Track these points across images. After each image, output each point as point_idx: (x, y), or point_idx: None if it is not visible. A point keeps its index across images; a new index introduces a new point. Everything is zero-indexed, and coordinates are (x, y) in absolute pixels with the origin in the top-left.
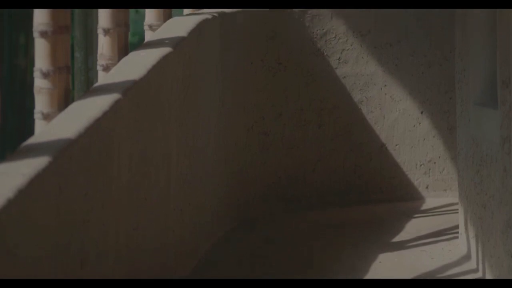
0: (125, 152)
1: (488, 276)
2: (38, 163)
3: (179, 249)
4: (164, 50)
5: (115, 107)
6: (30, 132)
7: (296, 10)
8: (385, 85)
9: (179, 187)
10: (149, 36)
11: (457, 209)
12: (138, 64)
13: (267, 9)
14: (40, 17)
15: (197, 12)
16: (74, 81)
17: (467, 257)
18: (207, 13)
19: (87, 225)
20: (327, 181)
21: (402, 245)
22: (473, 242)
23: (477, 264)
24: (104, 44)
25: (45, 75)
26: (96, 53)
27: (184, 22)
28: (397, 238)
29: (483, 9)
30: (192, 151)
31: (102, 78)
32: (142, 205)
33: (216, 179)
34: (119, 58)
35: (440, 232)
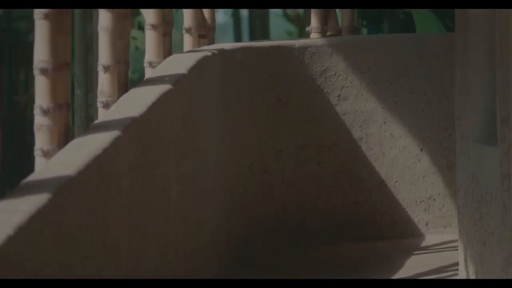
0: (125, 189)
1: None
2: (38, 200)
3: None
4: (164, 87)
5: (115, 144)
6: (30, 169)
7: (296, 47)
8: (385, 122)
9: (179, 223)
10: (149, 73)
11: (457, 246)
12: (138, 101)
13: (267, 46)
14: (40, 54)
15: (196, 49)
16: (74, 118)
17: None
18: (207, 50)
19: (87, 261)
20: (327, 217)
21: None
22: None
23: None
24: (104, 81)
25: (45, 112)
26: (96, 90)
27: (184, 59)
28: (397, 275)
29: (483, 48)
30: (192, 187)
31: (102, 115)
32: (141, 241)
33: (216, 216)
34: (119, 95)
35: (440, 269)
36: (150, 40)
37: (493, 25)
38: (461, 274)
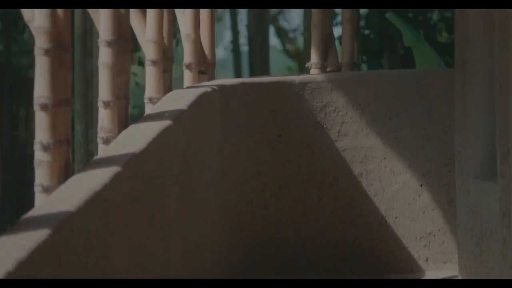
0: (125, 225)
1: None
2: (38, 235)
3: None
4: (164, 123)
5: (115, 180)
6: (30, 204)
7: (296, 82)
8: (385, 158)
9: (178, 259)
10: (149, 109)
11: None
12: (138, 137)
13: (267, 82)
14: (41, 90)
15: (196, 85)
16: (74, 154)
17: None
18: (207, 86)
19: None
20: (327, 253)
21: None
22: None
23: None
24: (104, 117)
25: (45, 148)
26: (96, 125)
27: (184, 95)
28: None
29: (482, 84)
30: (191, 223)
31: (102, 151)
32: (142, 277)
33: (216, 251)
34: (119, 131)
35: None
36: (150, 76)
37: (493, 62)
38: None
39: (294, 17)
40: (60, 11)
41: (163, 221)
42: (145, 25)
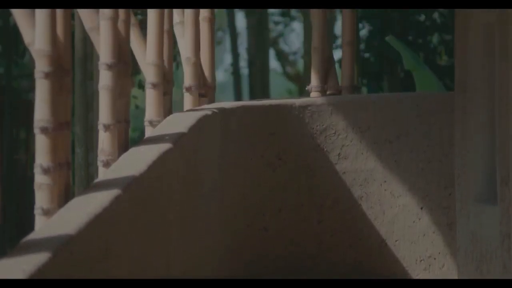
0: (125, 248)
1: None
2: (39, 259)
3: None
4: (165, 146)
5: (115, 203)
6: (31, 227)
7: (296, 105)
8: (385, 181)
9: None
10: (149, 131)
11: None
12: (138, 160)
13: (267, 105)
14: (41, 113)
15: (197, 108)
16: (75, 177)
17: None
18: (207, 109)
19: None
20: (327, 276)
21: None
22: None
23: None
24: (104, 140)
25: (46, 171)
26: (97, 148)
27: (184, 118)
28: None
29: (482, 107)
30: (191, 246)
31: (103, 174)
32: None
33: (216, 274)
34: (120, 154)
35: None
36: (151, 99)
37: (492, 85)
38: None
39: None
40: (60, 34)
41: (164, 244)
42: (145, 48)
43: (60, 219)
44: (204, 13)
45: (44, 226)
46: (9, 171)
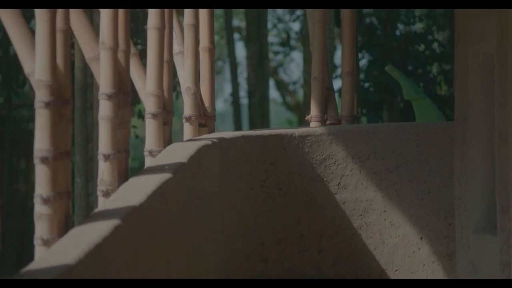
0: (125, 277)
1: None
2: None
3: None
4: (164, 176)
5: (115, 233)
6: (30, 257)
7: (296, 135)
8: (385, 211)
9: None
10: (149, 161)
11: None
12: (138, 190)
13: (267, 135)
14: (41, 143)
15: (197, 138)
16: (74, 207)
17: None
18: (207, 139)
19: None
20: None
21: None
22: None
23: None
24: (104, 170)
25: (45, 201)
26: (96, 178)
27: (184, 148)
28: None
29: (482, 137)
30: (191, 275)
31: (102, 204)
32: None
33: None
34: (119, 184)
35: None
36: (150, 129)
37: (492, 115)
38: None
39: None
40: (60, 64)
41: (163, 273)
42: (145, 78)
43: (60, 249)
44: (204, 43)
45: (44, 256)
46: (9, 200)
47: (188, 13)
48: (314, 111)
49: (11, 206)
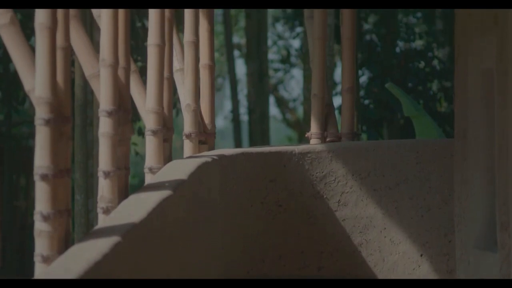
0: None
1: None
2: None
3: None
4: (164, 193)
5: (115, 250)
6: (30, 274)
7: (296, 152)
8: (385, 228)
9: None
10: (149, 178)
11: None
12: (138, 207)
13: (267, 152)
14: (41, 160)
15: (197, 155)
16: (74, 224)
17: None
18: (207, 156)
19: None
20: None
21: None
22: None
23: None
24: (104, 187)
25: (46, 218)
26: (96, 195)
27: (184, 165)
28: None
29: (482, 154)
30: None
31: (102, 221)
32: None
33: None
34: (120, 201)
35: None
36: (150, 146)
37: (492, 131)
38: None
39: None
40: (60, 81)
41: None
42: (145, 95)
43: (60, 266)
44: (204, 60)
45: (44, 273)
46: (9, 217)
47: (188, 30)
48: (314, 128)
49: (11, 222)
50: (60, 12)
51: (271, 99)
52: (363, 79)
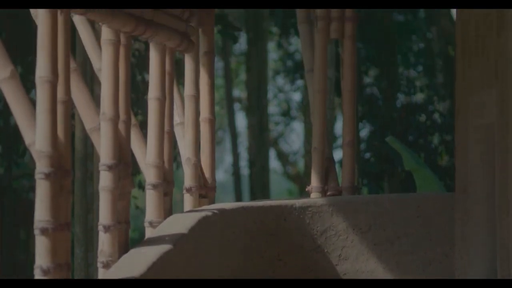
0: None
1: None
2: None
3: None
4: (165, 247)
5: None
6: None
7: (297, 206)
8: None
9: None
10: (149, 232)
11: None
12: (138, 261)
13: (267, 206)
14: (41, 214)
15: (197, 209)
16: (74, 277)
17: None
18: (207, 210)
19: None
20: None
21: None
22: None
23: None
24: (104, 241)
25: (45, 272)
26: (96, 249)
27: (184, 219)
28: None
29: (483, 208)
30: None
31: (102, 275)
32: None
33: None
34: (120, 255)
35: None
36: (151, 200)
37: (492, 185)
38: None
39: (294, 140)
40: (60, 135)
41: None
42: (146, 149)
43: None
44: (204, 114)
45: None
46: (9, 271)
47: (188, 84)
48: (314, 181)
49: (10, 276)
50: (60, 65)
51: (272, 152)
52: (364, 132)
